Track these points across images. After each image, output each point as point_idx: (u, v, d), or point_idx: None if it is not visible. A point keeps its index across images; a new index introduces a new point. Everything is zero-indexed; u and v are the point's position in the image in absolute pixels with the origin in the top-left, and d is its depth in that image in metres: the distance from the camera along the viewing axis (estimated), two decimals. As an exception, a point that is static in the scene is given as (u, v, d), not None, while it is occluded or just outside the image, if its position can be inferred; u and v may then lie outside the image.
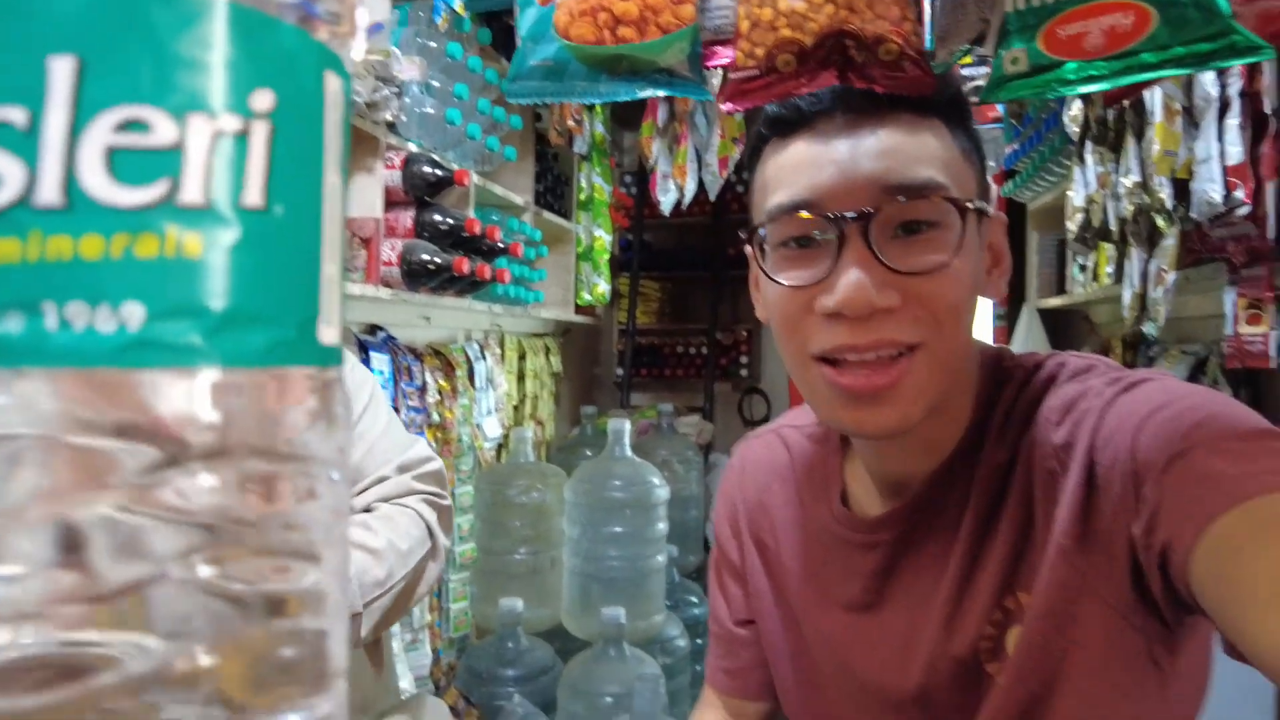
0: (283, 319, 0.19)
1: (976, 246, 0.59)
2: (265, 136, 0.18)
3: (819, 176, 0.57)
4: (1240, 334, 1.59)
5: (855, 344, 0.56)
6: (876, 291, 0.54)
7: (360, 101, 1.67)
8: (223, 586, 0.18)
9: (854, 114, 0.57)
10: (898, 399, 0.56)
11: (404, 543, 1.00)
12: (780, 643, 0.73)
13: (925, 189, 0.55)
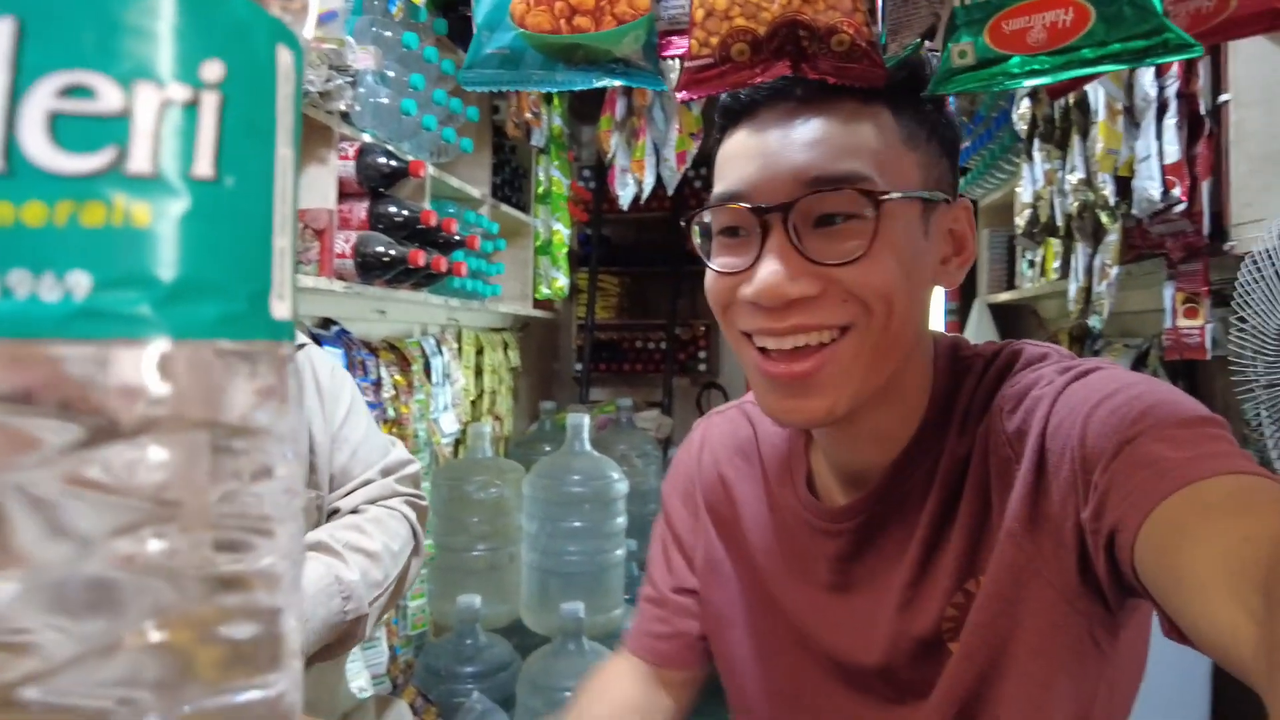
0: (234, 291, 0.19)
1: (917, 235, 0.59)
2: (215, 107, 0.17)
3: (748, 169, 0.59)
4: (1178, 327, 1.65)
5: (773, 328, 0.57)
6: (791, 281, 0.56)
7: (314, 91, 1.64)
8: (173, 563, 0.18)
9: (794, 103, 0.58)
10: (821, 387, 0.58)
11: (395, 543, 1.06)
12: (737, 613, 0.73)
13: (842, 181, 0.56)
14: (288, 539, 0.22)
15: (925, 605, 0.61)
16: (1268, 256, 1.21)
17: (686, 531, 0.79)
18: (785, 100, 0.59)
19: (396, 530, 1.08)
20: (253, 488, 0.20)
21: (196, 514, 0.18)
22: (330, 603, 0.96)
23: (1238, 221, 1.45)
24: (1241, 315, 1.27)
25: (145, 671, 0.18)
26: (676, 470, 0.82)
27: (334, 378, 1.15)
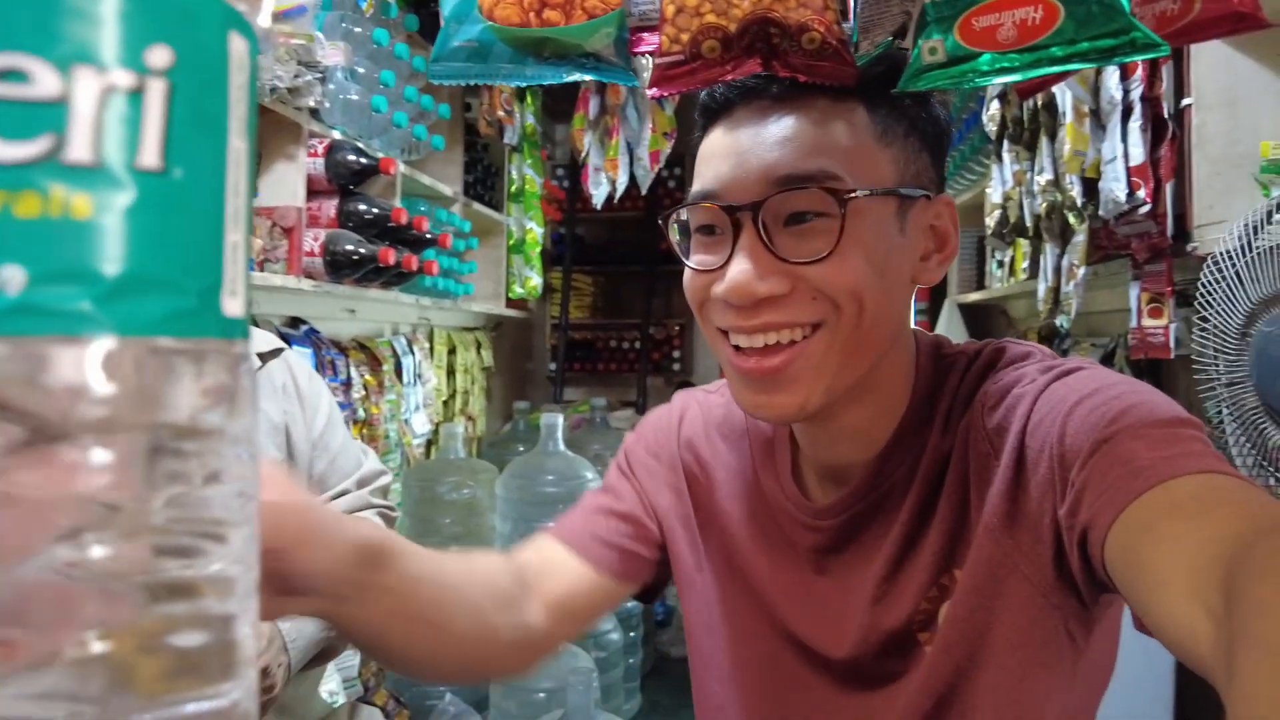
0: (182, 287, 0.18)
1: (890, 231, 0.59)
2: (162, 95, 0.17)
3: (722, 168, 0.59)
4: (1143, 326, 1.67)
5: (743, 325, 0.58)
6: (761, 280, 0.56)
7: (282, 87, 1.62)
8: (117, 569, 0.17)
9: (768, 101, 0.58)
10: (792, 383, 0.58)
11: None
12: (707, 581, 0.72)
13: (808, 180, 0.56)
14: (241, 543, 0.21)
15: (899, 599, 0.61)
16: (1228, 258, 1.24)
17: (648, 478, 0.76)
18: (760, 99, 0.59)
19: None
20: (203, 491, 0.19)
21: (141, 518, 0.17)
22: (316, 622, 0.95)
23: (1200, 223, 1.48)
24: (1204, 315, 1.29)
25: (87, 683, 0.17)
26: (647, 429, 0.80)
27: (312, 383, 1.14)
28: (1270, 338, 1.15)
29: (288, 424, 1.08)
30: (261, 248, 1.69)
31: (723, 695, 0.71)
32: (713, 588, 0.72)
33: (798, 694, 0.67)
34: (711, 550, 0.73)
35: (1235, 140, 1.47)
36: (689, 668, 0.76)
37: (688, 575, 0.74)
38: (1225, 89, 1.48)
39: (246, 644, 0.21)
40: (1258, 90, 1.47)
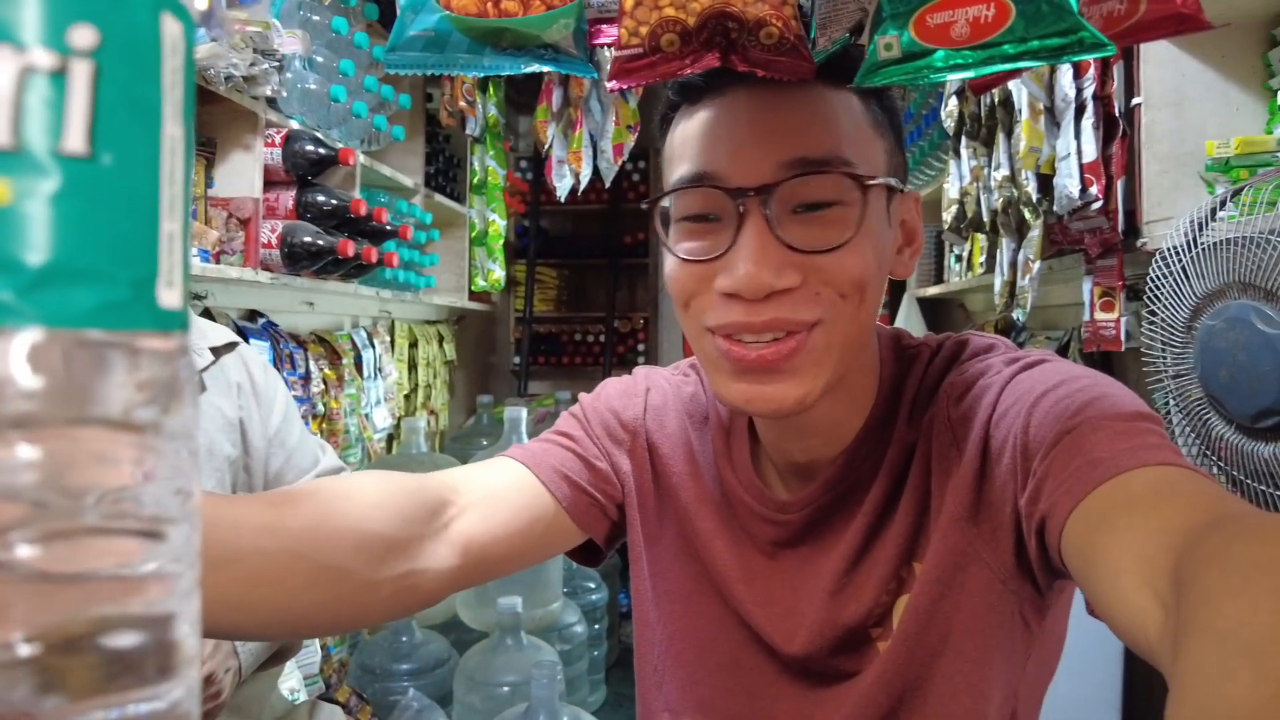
0: (114, 277, 0.17)
1: (884, 223, 0.59)
2: (88, 77, 0.16)
3: (720, 148, 0.55)
4: (1096, 320, 1.71)
5: (750, 323, 0.55)
6: (775, 272, 0.53)
7: (237, 75, 1.58)
8: (47, 568, 0.17)
9: (758, 84, 0.55)
10: (795, 375, 0.56)
11: None
12: (654, 548, 0.71)
13: (826, 164, 0.54)
14: (181, 541, 0.20)
15: (858, 593, 0.61)
16: (1175, 253, 1.27)
17: (607, 437, 0.73)
18: (750, 80, 0.55)
19: None
20: (137, 488, 0.18)
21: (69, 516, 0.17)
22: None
23: (1149, 219, 1.52)
24: (1152, 309, 1.33)
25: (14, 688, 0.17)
26: (614, 390, 0.76)
27: (268, 378, 1.12)
28: (1213, 331, 1.19)
29: (243, 419, 1.05)
30: (218, 239, 1.66)
31: (662, 668, 0.70)
32: (663, 560, 0.71)
33: (742, 672, 0.67)
34: (668, 525, 0.71)
35: (1182, 139, 1.51)
36: (633, 646, 0.74)
37: (638, 544, 0.72)
38: (1173, 89, 1.52)
39: (187, 643, 0.21)
40: (1203, 90, 1.51)
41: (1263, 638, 0.27)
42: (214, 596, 0.46)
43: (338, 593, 0.53)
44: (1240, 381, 1.14)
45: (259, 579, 0.49)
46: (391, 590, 0.57)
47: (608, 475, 0.71)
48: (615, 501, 0.72)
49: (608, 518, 0.72)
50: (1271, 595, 0.29)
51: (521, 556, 0.65)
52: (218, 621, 0.48)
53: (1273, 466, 1.11)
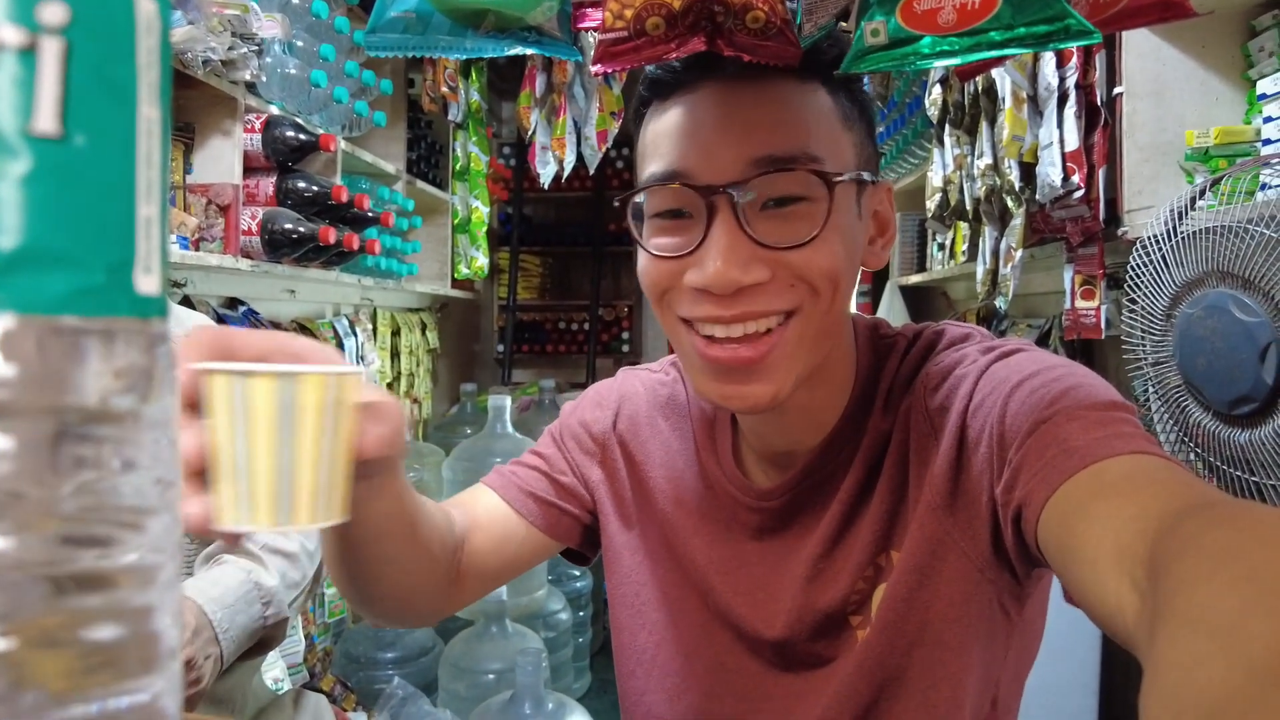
0: (88, 262, 0.17)
1: (854, 216, 0.59)
2: (58, 55, 0.16)
3: (690, 146, 0.56)
4: (1076, 308, 1.73)
5: (720, 315, 0.56)
6: (743, 268, 0.54)
7: (216, 59, 1.56)
8: (20, 559, 0.16)
9: (731, 79, 0.56)
10: (768, 372, 0.57)
11: (311, 542, 1.05)
12: (640, 560, 0.72)
13: (793, 161, 0.55)
14: (161, 532, 0.20)
15: (835, 578, 0.62)
16: (1155, 242, 1.28)
17: (578, 449, 0.76)
18: (720, 75, 0.56)
19: (307, 541, 1.07)
20: (116, 477, 0.18)
21: (45, 507, 0.16)
22: (250, 609, 0.94)
23: (1130, 208, 1.53)
24: (1132, 297, 1.34)
25: (-9, 682, 0.16)
26: (590, 401, 0.79)
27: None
28: (1192, 319, 1.20)
29: None
30: (197, 226, 1.63)
31: (646, 680, 0.71)
32: (644, 567, 0.72)
33: (728, 675, 0.67)
34: (647, 530, 0.72)
35: (1163, 128, 1.52)
36: (613, 652, 0.75)
37: (614, 551, 0.73)
38: (1153, 78, 1.53)
39: (168, 635, 0.20)
40: (1183, 80, 1.52)
41: (1233, 624, 0.28)
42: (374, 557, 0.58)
43: (429, 567, 0.63)
44: (1218, 369, 1.15)
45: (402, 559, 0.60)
46: (445, 580, 0.67)
47: (574, 488, 0.75)
48: (588, 509, 0.75)
49: (581, 525, 0.75)
50: (1242, 581, 0.29)
51: (499, 574, 0.73)
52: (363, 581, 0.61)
53: (1249, 453, 1.13)
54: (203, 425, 0.38)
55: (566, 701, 1.70)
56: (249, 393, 0.37)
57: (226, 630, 0.90)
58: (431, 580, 0.65)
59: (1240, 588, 0.29)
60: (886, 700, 0.60)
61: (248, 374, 0.37)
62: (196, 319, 1.09)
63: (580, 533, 0.76)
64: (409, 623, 0.70)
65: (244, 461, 0.38)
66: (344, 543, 0.57)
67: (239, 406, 0.37)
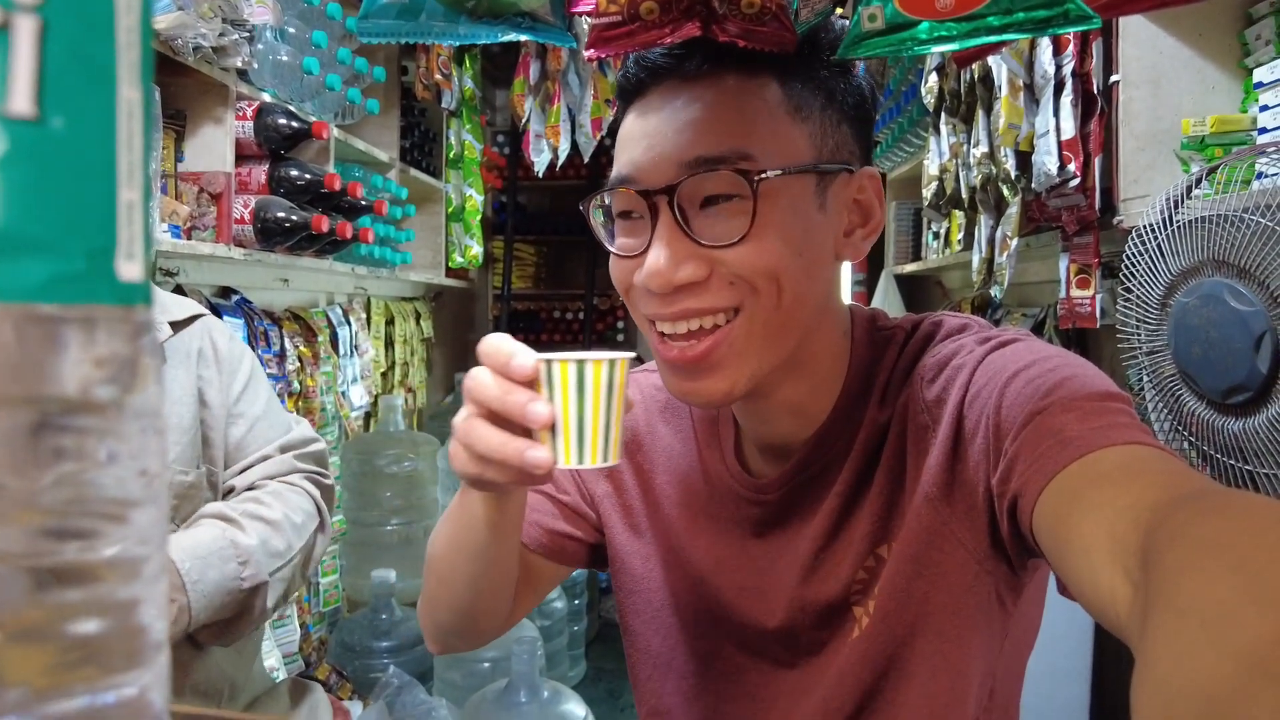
0: (67, 249, 0.16)
1: (807, 209, 0.59)
2: (33, 34, 0.15)
3: (636, 152, 0.58)
4: (1072, 297, 1.73)
5: (663, 313, 0.58)
6: (679, 267, 0.56)
7: (206, 45, 1.54)
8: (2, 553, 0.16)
9: (677, 82, 0.58)
10: (717, 369, 0.58)
11: (297, 516, 1.02)
12: (649, 566, 0.73)
13: (718, 162, 0.55)
14: (146, 524, 0.20)
15: (834, 570, 0.62)
16: (1150, 231, 1.28)
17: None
18: (669, 78, 0.58)
19: (298, 504, 1.04)
20: (99, 469, 0.18)
21: (24, 499, 0.16)
22: (225, 566, 0.91)
23: (1125, 197, 1.53)
24: (1127, 286, 1.34)
25: (-30, 678, 0.16)
26: None
27: (233, 346, 1.09)
28: (1187, 308, 1.20)
29: (201, 388, 1.03)
30: (189, 214, 1.62)
31: (663, 683, 0.72)
32: (655, 574, 0.73)
33: (741, 675, 0.68)
34: (655, 536, 0.73)
35: (1159, 117, 1.52)
36: (626, 663, 0.76)
37: (622, 560, 0.74)
38: (1150, 67, 1.52)
39: (154, 629, 0.20)
40: (1180, 68, 1.52)
41: (1223, 614, 0.28)
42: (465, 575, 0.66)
43: (507, 602, 0.71)
44: (1212, 358, 1.15)
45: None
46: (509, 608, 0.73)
47: (577, 506, 0.76)
48: (593, 526, 0.76)
49: (586, 546, 0.76)
50: (1231, 571, 0.29)
51: (527, 599, 0.76)
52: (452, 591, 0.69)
53: (1242, 441, 1.13)
54: (545, 398, 0.51)
55: (562, 689, 1.70)
56: (585, 372, 0.50)
57: (196, 582, 0.88)
58: (507, 601, 0.71)
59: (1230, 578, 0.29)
60: (888, 689, 0.60)
61: (582, 360, 0.50)
62: (181, 305, 1.07)
63: (585, 554, 0.77)
64: (468, 648, 0.77)
65: (584, 420, 0.50)
66: (484, 560, 0.64)
67: (578, 382, 0.50)
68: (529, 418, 0.51)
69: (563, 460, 0.51)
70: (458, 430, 0.54)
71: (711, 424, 0.72)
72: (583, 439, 0.51)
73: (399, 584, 2.14)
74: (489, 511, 0.61)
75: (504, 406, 0.51)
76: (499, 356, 0.52)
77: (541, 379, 0.51)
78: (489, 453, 0.52)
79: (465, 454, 0.54)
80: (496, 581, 0.67)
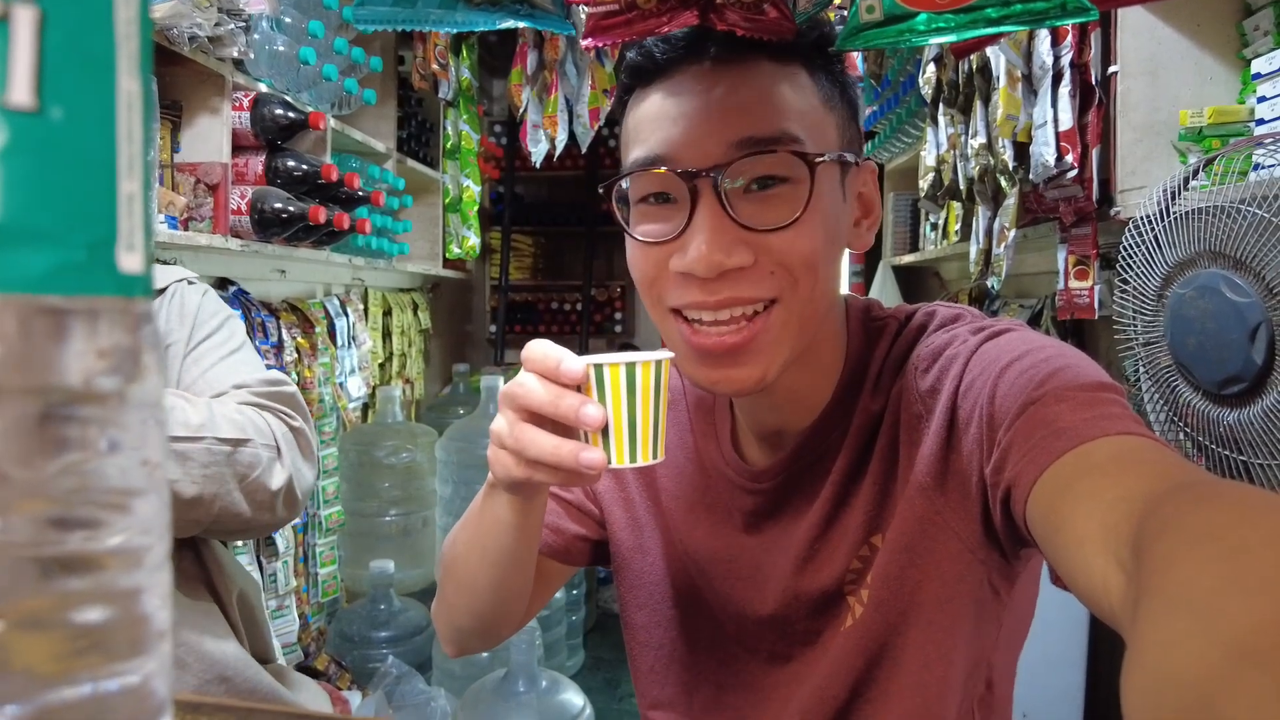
0: (68, 239, 0.16)
1: (837, 198, 0.59)
2: (32, 25, 0.15)
3: (673, 131, 0.57)
4: (1070, 288, 1.73)
5: (705, 301, 0.57)
6: (727, 252, 0.55)
7: (202, 35, 1.53)
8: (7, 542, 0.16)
9: (710, 63, 0.57)
10: (753, 356, 0.58)
11: (234, 414, 0.89)
12: (648, 560, 0.74)
13: (774, 142, 0.55)
14: (149, 513, 0.20)
15: (829, 559, 0.62)
16: (1148, 222, 1.28)
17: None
18: (700, 60, 0.57)
19: (239, 411, 0.90)
20: (102, 459, 0.18)
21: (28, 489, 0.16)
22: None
23: (1123, 188, 1.53)
24: (1125, 277, 1.34)
25: (-24, 665, 0.16)
26: None
27: (204, 303, 1.01)
28: (1183, 299, 1.21)
29: (165, 338, 0.95)
30: (186, 205, 1.62)
31: (666, 674, 0.72)
32: (657, 567, 0.73)
33: (737, 666, 0.69)
34: (655, 530, 0.73)
35: (1156, 108, 1.51)
36: (626, 654, 0.77)
37: (624, 556, 0.75)
38: (1148, 58, 1.52)
39: (157, 617, 0.20)
40: (1177, 59, 1.51)
41: (1211, 602, 0.28)
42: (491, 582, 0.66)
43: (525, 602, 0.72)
44: (1208, 349, 1.16)
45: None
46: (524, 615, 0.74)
47: (580, 503, 0.76)
48: (595, 520, 0.77)
49: (589, 543, 0.77)
50: (1219, 560, 0.29)
51: (538, 598, 0.76)
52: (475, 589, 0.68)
53: (1238, 432, 1.13)
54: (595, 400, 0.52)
55: (560, 679, 1.71)
56: (635, 373, 0.51)
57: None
58: (525, 603, 0.72)
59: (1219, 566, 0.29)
60: (881, 677, 0.61)
61: (632, 362, 0.51)
62: (168, 273, 1.02)
63: (590, 551, 0.77)
64: (485, 650, 0.78)
65: (635, 419, 0.52)
66: (508, 564, 0.64)
67: (628, 383, 0.51)
68: (583, 420, 0.51)
69: (615, 459, 0.52)
70: (504, 437, 0.54)
71: (707, 413, 0.72)
72: (634, 438, 0.52)
73: (397, 575, 2.15)
74: (515, 515, 0.61)
75: (557, 410, 0.52)
76: (548, 362, 0.53)
77: (591, 382, 0.52)
78: (542, 456, 0.52)
79: (512, 459, 0.54)
80: (518, 584, 0.67)
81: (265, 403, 0.96)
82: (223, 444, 0.86)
